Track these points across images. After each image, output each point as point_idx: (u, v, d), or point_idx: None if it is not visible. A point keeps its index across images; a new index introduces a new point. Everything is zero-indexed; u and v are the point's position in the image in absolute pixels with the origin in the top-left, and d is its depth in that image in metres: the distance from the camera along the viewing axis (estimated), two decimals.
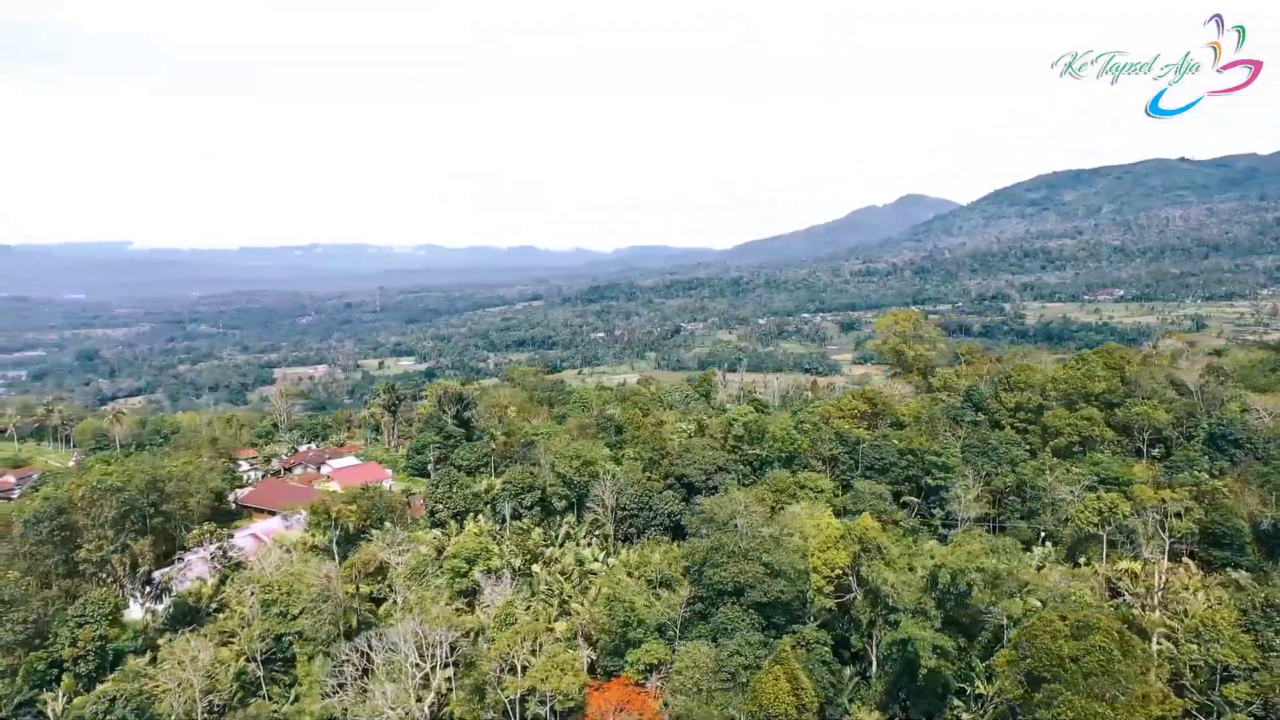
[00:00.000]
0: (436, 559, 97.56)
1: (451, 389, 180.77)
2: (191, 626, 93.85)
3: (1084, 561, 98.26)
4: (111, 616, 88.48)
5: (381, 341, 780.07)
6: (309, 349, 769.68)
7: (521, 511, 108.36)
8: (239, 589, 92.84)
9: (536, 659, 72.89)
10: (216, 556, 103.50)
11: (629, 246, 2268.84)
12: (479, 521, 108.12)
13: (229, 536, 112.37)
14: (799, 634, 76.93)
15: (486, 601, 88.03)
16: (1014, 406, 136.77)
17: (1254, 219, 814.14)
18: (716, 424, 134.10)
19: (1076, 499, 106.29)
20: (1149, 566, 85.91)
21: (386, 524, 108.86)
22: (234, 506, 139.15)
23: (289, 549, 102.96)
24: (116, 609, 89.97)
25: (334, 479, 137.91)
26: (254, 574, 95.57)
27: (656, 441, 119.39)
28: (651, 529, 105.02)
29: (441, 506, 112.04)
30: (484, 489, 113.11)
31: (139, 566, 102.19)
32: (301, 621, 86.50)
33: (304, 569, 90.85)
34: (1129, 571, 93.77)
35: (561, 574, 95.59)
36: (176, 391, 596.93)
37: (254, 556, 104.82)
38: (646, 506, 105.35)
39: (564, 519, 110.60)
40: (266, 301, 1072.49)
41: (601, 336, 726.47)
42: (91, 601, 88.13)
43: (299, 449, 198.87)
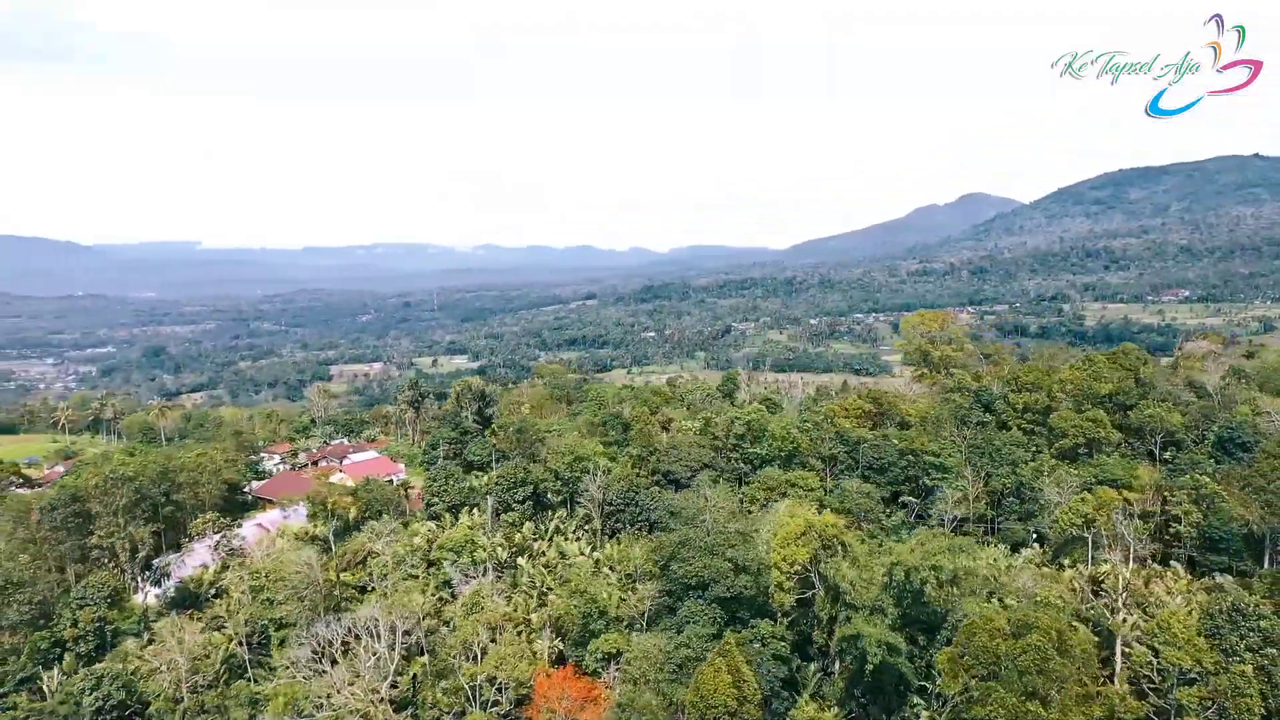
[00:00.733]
0: (427, 551, 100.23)
1: (474, 386, 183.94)
2: (189, 611, 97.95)
3: (1068, 563, 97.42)
4: (111, 599, 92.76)
5: (436, 340, 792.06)
6: (366, 347, 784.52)
7: (513, 506, 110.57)
8: (236, 576, 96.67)
9: (496, 646, 74.96)
10: (219, 545, 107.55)
11: (686, 246, 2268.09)
12: (473, 515, 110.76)
13: (236, 526, 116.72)
14: (755, 628, 77.69)
15: (469, 591, 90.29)
16: (1022, 407, 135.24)
17: None
18: (722, 422, 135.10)
19: (1063, 501, 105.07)
20: (1116, 569, 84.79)
21: (385, 516, 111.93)
22: (250, 497, 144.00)
23: (284, 538, 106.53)
24: (116, 592, 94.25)
25: (345, 472, 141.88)
26: (247, 561, 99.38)
27: (643, 438, 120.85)
28: (638, 524, 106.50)
29: (437, 500, 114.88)
30: (481, 484, 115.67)
31: (138, 552, 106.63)
32: (283, 608, 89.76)
33: (288, 557, 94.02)
34: (1111, 574, 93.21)
35: (545, 567, 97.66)
36: (236, 387, 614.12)
37: (253, 545, 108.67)
38: (632, 502, 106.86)
39: (555, 514, 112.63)
40: (328, 300, 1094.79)
41: (652, 336, 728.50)
42: (92, 585, 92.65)
43: (330, 443, 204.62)
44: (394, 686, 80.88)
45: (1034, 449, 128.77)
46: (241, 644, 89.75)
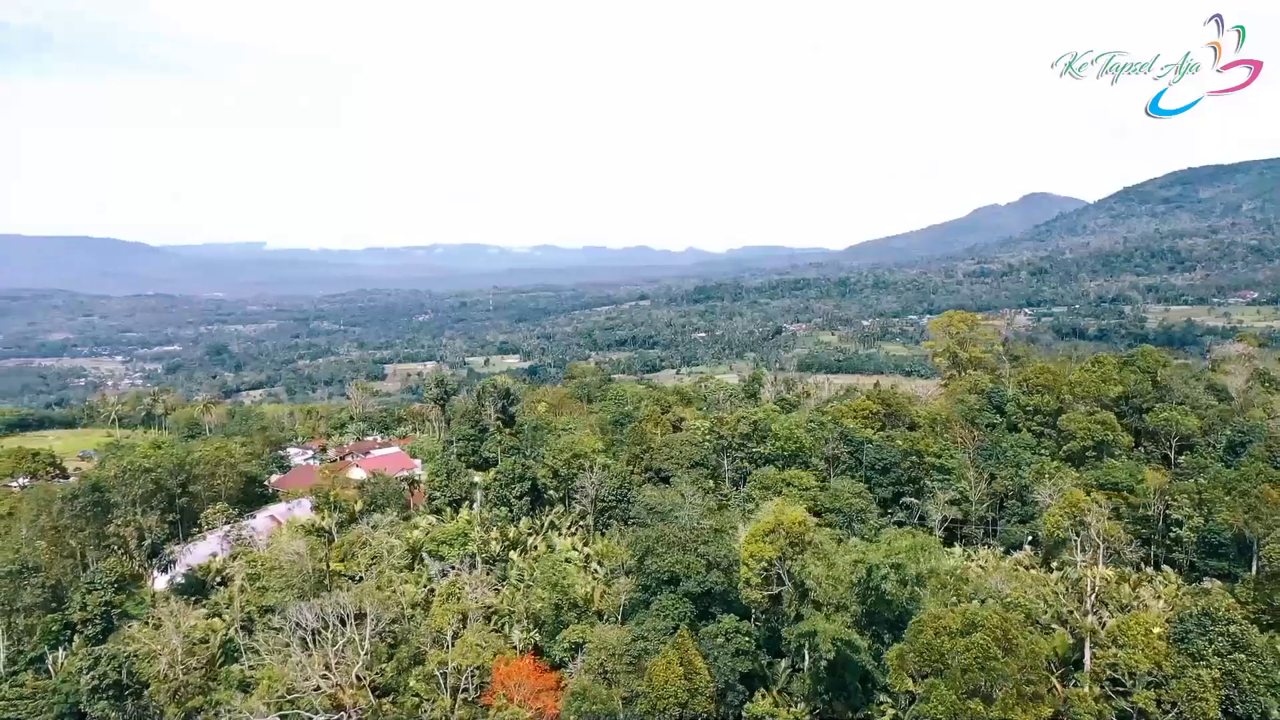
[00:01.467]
0: (420, 544, 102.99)
1: (499, 385, 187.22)
2: (195, 597, 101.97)
3: (1055, 566, 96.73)
4: (118, 585, 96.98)
5: (489, 340, 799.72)
6: (421, 346, 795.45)
7: (511, 502, 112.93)
8: (238, 564, 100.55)
9: (463, 635, 77.27)
10: (229, 535, 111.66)
11: (742, 246, 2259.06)
12: (473, 510, 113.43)
13: (250, 517, 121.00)
14: (720, 623, 78.75)
15: (446, 582, 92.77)
16: (1032, 409, 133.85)
17: None
18: (730, 421, 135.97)
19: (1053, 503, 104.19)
20: (1087, 571, 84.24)
21: (389, 509, 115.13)
22: (270, 490, 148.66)
23: (290, 529, 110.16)
24: (123, 578, 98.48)
25: (361, 467, 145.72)
26: (247, 551, 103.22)
27: (637, 436, 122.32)
28: (630, 520, 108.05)
29: (439, 494, 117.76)
30: (483, 480, 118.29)
31: (144, 539, 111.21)
32: (274, 595, 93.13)
33: (283, 546, 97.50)
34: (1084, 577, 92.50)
35: (534, 561, 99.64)
36: (294, 385, 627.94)
37: (263, 536, 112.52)
38: (624, 499, 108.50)
39: (553, 510, 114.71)
40: (386, 300, 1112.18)
41: (702, 337, 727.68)
42: (100, 570, 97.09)
43: (364, 439, 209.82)
44: (380, 674, 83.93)
45: (1044, 451, 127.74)
46: (238, 629, 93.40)
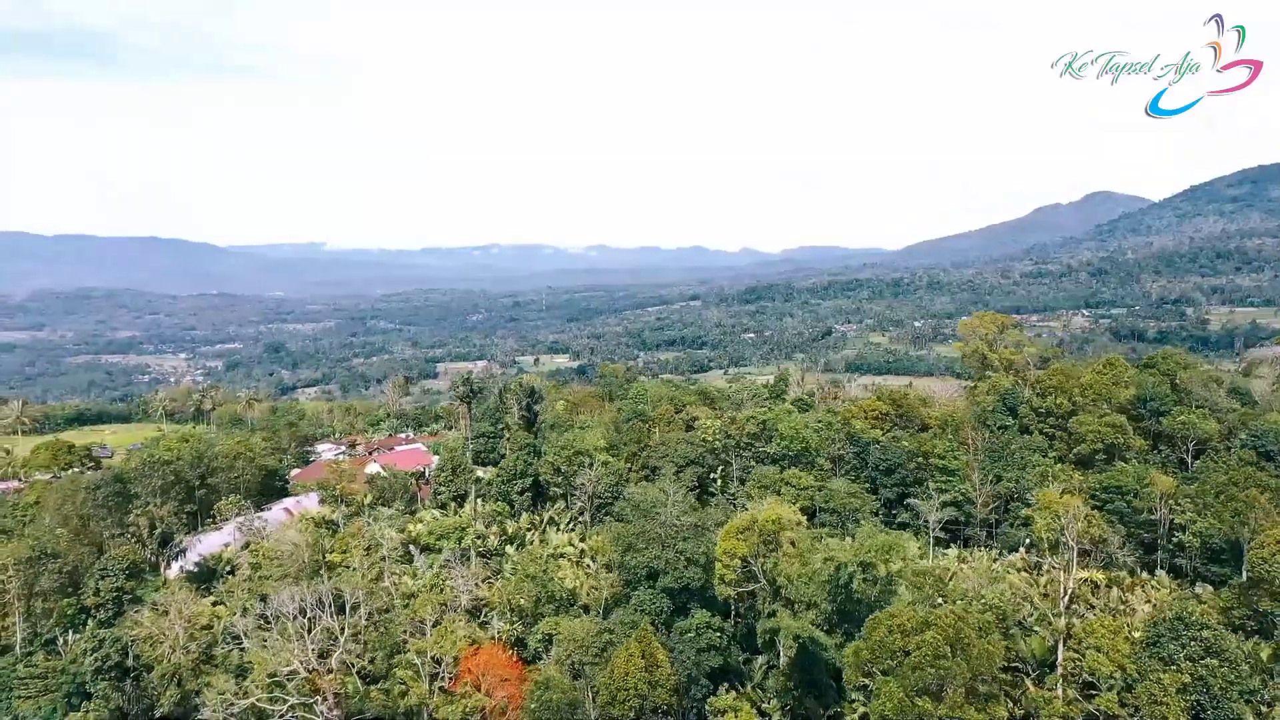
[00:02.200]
0: (414, 537, 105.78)
1: (524, 383, 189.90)
2: (206, 585, 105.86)
3: (1046, 567, 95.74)
4: (129, 571, 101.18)
5: (540, 339, 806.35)
6: (473, 345, 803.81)
7: (513, 497, 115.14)
8: (244, 554, 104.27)
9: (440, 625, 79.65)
10: (242, 525, 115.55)
11: (798, 246, 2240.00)
12: (478, 504, 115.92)
13: (265, 509, 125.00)
14: (691, 618, 79.84)
15: (430, 574, 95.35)
16: (1044, 411, 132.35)
17: None
18: (740, 420, 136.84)
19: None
20: (1052, 572, 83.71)
21: (397, 503, 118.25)
22: (289, 483, 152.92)
23: (301, 521, 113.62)
24: (134, 565, 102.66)
25: (377, 462, 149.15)
26: (258, 541, 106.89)
27: (635, 434, 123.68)
28: (615, 516, 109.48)
29: (444, 490, 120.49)
30: (487, 475, 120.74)
31: (155, 529, 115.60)
32: (270, 584, 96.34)
33: (284, 536, 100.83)
34: (1088, 580, 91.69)
35: (540, 557, 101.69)
36: (348, 383, 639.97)
37: (275, 527, 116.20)
38: (619, 495, 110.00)
39: (554, 505, 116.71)
40: (441, 300, 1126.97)
41: (751, 337, 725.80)
42: (113, 557, 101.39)
43: (395, 435, 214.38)
44: (372, 662, 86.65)
45: (1054, 454, 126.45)
46: (241, 616, 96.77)
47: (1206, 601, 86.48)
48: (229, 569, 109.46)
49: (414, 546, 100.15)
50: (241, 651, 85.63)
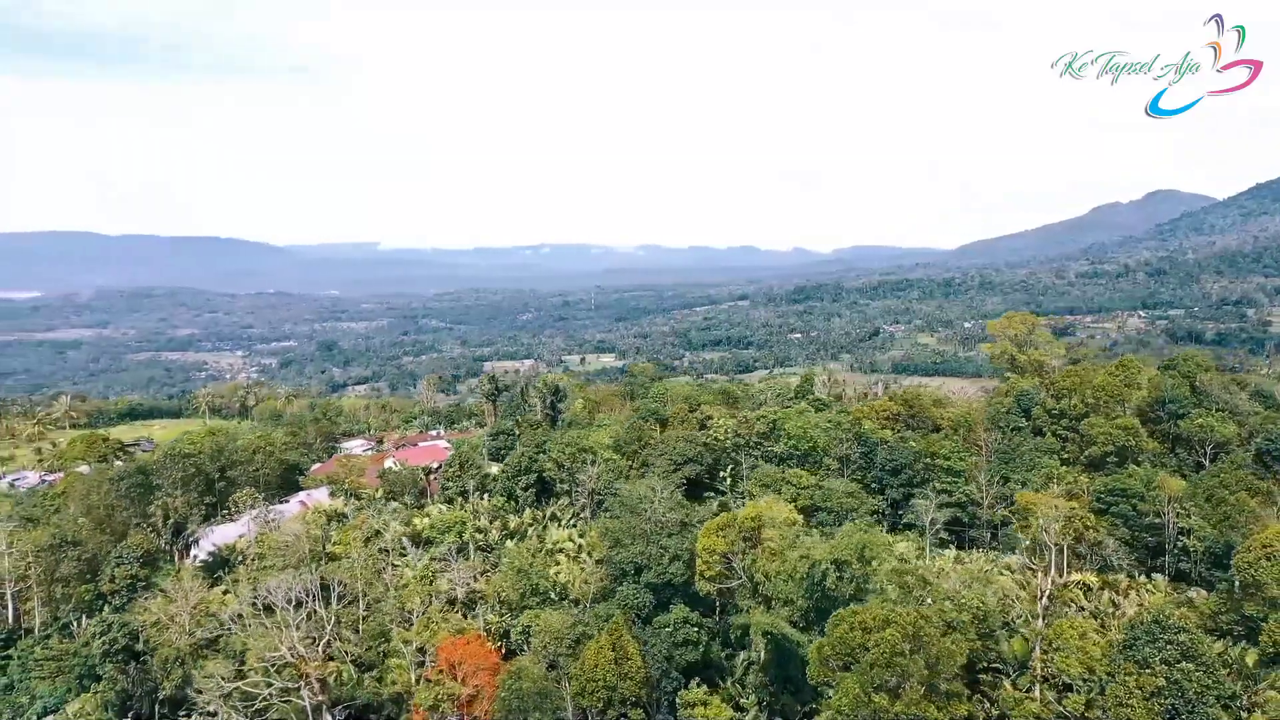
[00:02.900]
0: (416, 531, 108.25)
1: (549, 382, 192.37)
2: (219, 574, 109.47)
3: (1039, 569, 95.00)
4: (144, 560, 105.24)
5: (587, 339, 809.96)
6: (521, 344, 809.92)
7: (517, 492, 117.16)
8: (253, 544, 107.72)
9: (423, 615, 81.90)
10: (257, 517, 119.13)
11: (850, 246, 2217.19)
12: (484, 500, 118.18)
13: (283, 501, 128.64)
14: (670, 613, 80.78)
15: (421, 565, 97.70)
16: (1057, 413, 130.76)
17: None
18: (751, 419, 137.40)
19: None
20: (1027, 573, 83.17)
21: (405, 497, 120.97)
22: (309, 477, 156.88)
23: (314, 513, 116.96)
24: (148, 553, 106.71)
25: (395, 457, 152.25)
26: (270, 532, 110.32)
27: (635, 432, 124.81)
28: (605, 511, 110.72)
29: (451, 485, 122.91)
30: (495, 471, 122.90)
31: (169, 518, 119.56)
32: (273, 573, 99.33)
33: (287, 528, 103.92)
34: (1081, 583, 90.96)
35: (527, 550, 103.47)
36: (396, 380, 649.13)
37: (288, 519, 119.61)
38: (615, 492, 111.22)
39: (558, 501, 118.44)
40: (492, 299, 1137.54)
41: (798, 338, 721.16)
42: (128, 546, 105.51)
43: (426, 432, 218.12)
44: (367, 650, 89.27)
45: (1066, 456, 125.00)
46: (236, 604, 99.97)
47: (1199, 606, 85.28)
48: (242, 559, 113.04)
49: (405, 539, 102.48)
50: (240, 637, 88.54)
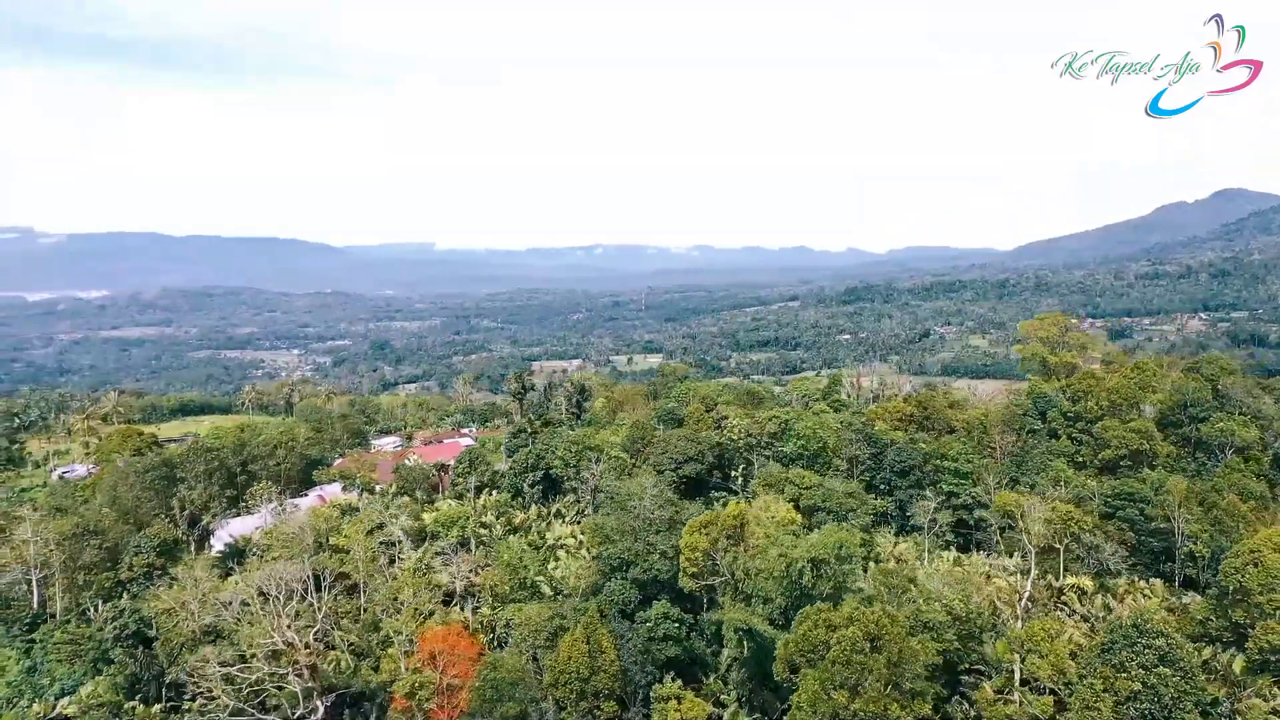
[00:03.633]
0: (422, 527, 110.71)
1: (575, 380, 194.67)
2: (230, 565, 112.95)
3: (1037, 572, 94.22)
4: (161, 549, 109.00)
5: (636, 339, 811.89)
6: (570, 344, 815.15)
7: (524, 489, 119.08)
8: (265, 536, 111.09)
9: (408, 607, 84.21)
10: (273, 510, 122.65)
11: (905, 247, 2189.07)
12: (491, 496, 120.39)
13: (302, 495, 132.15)
14: (652, 609, 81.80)
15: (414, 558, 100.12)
16: (1073, 416, 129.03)
17: None
18: (763, 419, 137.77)
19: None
20: (1003, 573, 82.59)
21: (418, 492, 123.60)
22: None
23: (329, 507, 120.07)
24: (166, 543, 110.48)
25: (416, 453, 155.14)
26: (276, 525, 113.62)
27: (638, 431, 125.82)
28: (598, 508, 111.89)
29: (461, 481, 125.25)
30: (503, 468, 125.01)
31: (184, 510, 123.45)
32: (275, 565, 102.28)
33: (293, 520, 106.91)
34: (1075, 586, 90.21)
35: (529, 545, 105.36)
36: (446, 379, 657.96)
37: (305, 512, 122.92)
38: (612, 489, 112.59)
39: (564, 498, 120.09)
40: (544, 299, 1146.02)
41: (847, 339, 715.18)
42: (147, 535, 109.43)
43: (458, 429, 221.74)
44: (363, 638, 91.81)
45: (1081, 459, 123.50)
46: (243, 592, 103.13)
47: (1192, 611, 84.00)
48: (256, 551, 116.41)
49: (403, 532, 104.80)
50: (235, 625, 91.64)
